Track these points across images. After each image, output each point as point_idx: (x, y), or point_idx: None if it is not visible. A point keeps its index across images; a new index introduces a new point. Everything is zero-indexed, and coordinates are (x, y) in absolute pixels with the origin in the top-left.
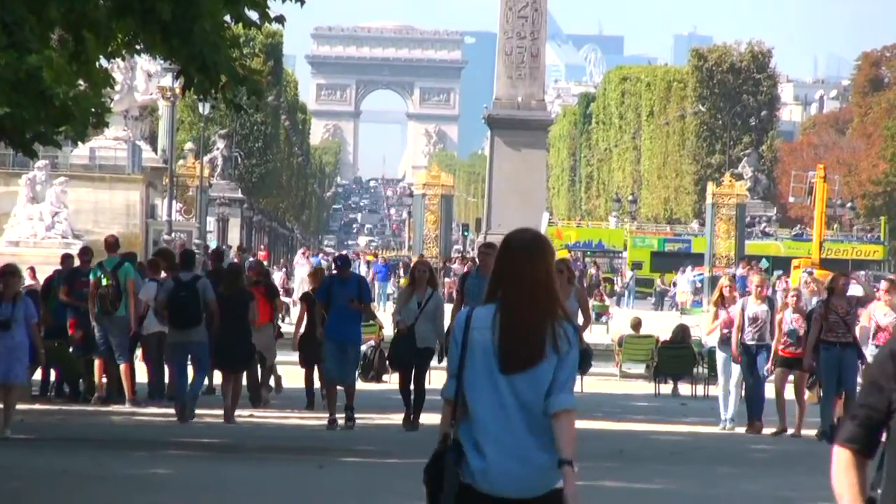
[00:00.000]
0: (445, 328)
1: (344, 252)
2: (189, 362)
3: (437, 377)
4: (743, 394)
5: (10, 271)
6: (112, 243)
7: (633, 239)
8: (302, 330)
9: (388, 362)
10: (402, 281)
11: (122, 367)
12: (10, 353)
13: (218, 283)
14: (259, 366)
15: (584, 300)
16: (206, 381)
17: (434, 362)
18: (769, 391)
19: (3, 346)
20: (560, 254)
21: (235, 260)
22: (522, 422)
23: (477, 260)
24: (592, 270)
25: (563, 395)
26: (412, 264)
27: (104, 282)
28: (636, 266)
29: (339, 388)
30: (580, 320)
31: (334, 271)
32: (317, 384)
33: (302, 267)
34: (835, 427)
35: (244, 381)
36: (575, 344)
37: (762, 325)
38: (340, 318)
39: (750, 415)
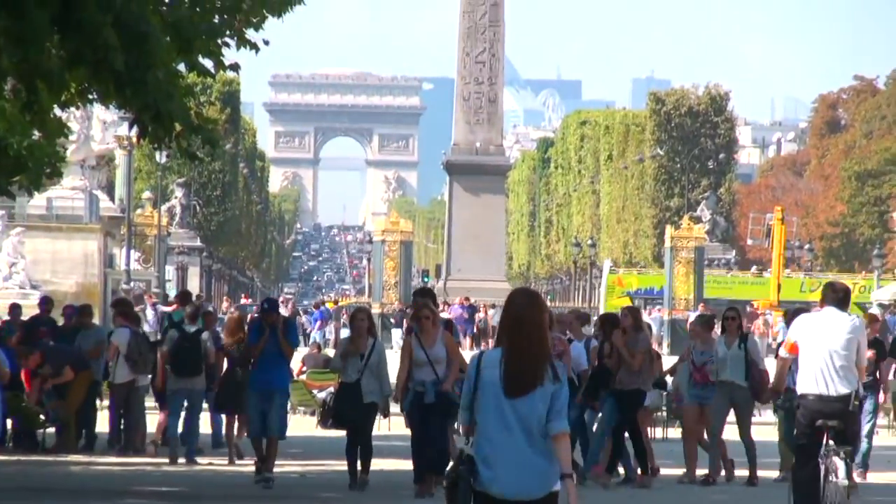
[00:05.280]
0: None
1: (273, 297)
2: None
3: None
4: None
5: None
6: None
7: None
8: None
9: (331, 420)
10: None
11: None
12: None
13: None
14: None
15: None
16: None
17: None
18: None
19: None
20: (623, 301)
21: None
22: (523, 439)
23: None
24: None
25: (559, 422)
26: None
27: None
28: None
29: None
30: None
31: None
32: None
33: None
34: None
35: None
36: (565, 380)
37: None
38: (265, 365)
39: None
